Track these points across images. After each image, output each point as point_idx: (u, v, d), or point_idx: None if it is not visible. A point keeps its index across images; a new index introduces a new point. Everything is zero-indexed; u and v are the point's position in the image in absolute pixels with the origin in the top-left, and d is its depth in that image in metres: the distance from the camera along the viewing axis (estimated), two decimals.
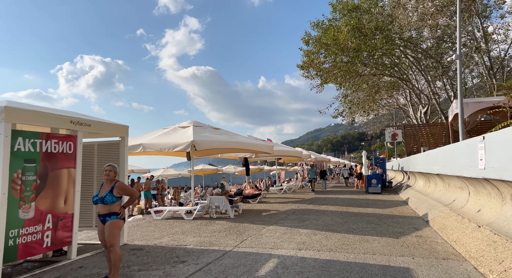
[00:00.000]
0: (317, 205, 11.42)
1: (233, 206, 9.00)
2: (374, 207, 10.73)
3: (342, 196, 15.11)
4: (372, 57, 13.92)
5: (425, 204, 9.75)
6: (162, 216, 8.65)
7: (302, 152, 15.17)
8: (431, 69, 16.73)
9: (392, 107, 29.16)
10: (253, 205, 11.72)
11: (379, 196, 14.68)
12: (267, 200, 13.74)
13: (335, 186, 22.15)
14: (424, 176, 12.73)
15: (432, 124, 16.65)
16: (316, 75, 16.73)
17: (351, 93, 17.90)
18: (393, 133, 17.69)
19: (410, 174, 16.11)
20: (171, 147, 7.88)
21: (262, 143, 10.13)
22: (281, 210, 10.16)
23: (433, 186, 11.11)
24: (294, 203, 12.16)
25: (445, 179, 9.09)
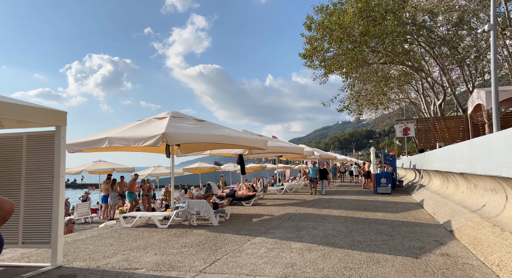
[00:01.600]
0: (319, 209, 10.01)
1: (218, 211, 7.66)
2: (384, 211, 9.28)
3: (348, 197, 13.66)
4: (382, 42, 12.41)
5: (445, 208, 8.26)
6: (133, 223, 7.35)
7: (303, 148, 13.76)
8: (447, 56, 15.11)
9: (403, 101, 27.42)
10: (246, 208, 10.36)
11: (389, 197, 13.20)
12: (263, 201, 12.38)
13: (340, 185, 20.66)
14: (441, 175, 11.21)
15: (449, 117, 15.06)
16: (320, 65, 15.27)
17: (358, 84, 16.35)
18: (404, 127, 16.12)
19: (424, 172, 14.56)
20: (139, 141, 6.56)
21: (253, 137, 8.75)
22: (275, 215, 8.78)
23: (453, 187, 9.60)
24: (293, 206, 10.77)
25: (470, 179, 7.61)
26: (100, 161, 14.00)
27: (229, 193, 11.16)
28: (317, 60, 15.36)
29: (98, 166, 13.46)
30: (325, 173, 14.94)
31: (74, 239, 6.15)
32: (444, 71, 14.51)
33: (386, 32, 11.66)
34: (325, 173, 14.94)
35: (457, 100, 15.51)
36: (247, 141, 8.31)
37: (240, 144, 8.19)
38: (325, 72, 15.21)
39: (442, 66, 14.86)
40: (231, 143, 7.84)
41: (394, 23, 11.38)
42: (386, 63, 14.28)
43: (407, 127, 16.14)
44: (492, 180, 6.03)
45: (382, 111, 26.95)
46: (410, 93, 27.06)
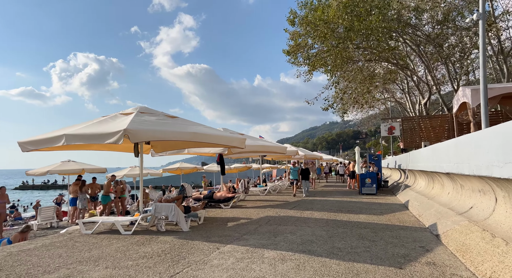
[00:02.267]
0: (300, 211, 9.51)
1: (190, 215, 7.05)
2: (368, 213, 8.85)
3: (332, 198, 13.24)
4: (367, 38, 12.03)
5: (431, 210, 7.89)
6: (94, 229, 6.66)
7: (286, 148, 13.26)
8: (432, 54, 14.87)
9: (388, 101, 27.31)
10: (224, 211, 9.77)
11: (374, 198, 12.84)
12: (244, 203, 11.81)
13: (325, 185, 20.29)
14: (426, 175, 10.89)
15: (434, 116, 14.84)
16: (304, 62, 14.82)
17: (343, 81, 15.95)
18: (389, 126, 15.83)
19: (409, 172, 14.28)
20: (99, 139, 5.89)
21: (230, 135, 8.17)
22: (253, 218, 8.23)
23: (439, 187, 9.26)
24: (274, 208, 10.24)
25: (457, 179, 7.24)
26: (69, 161, 13.10)
27: (207, 195, 10.54)
28: (301, 57, 14.92)
29: (67, 166, 12.54)
30: (307, 173, 13.91)
31: (20, 249, 5.44)
32: (429, 69, 14.27)
33: (371, 27, 11.28)
34: (307, 173, 13.91)
35: (442, 99, 15.32)
36: (223, 139, 7.73)
37: (214, 142, 7.59)
38: (309, 69, 14.77)
39: (427, 64, 14.63)
40: (205, 141, 7.24)
41: (379, 18, 11.01)
42: (371, 60, 13.94)
43: (392, 126, 15.86)
44: (480, 181, 5.63)
45: (368, 110, 26.79)
46: (396, 93, 27.00)
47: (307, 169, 14.03)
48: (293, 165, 14.23)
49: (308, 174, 13.88)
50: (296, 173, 13.86)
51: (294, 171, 14.05)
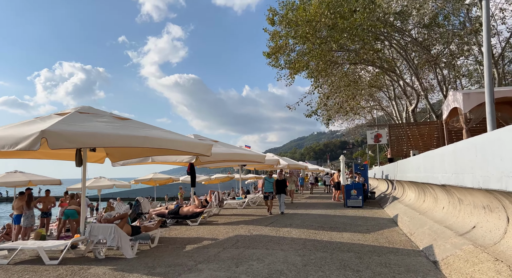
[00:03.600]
0: (277, 228, 8.33)
1: (138, 237, 5.77)
2: (352, 231, 7.74)
3: (314, 211, 12.11)
4: (352, 38, 11.18)
5: (424, 228, 6.84)
6: (11, 258, 5.30)
7: (265, 156, 12.13)
8: (420, 58, 14.20)
9: (374, 109, 26.69)
10: (189, 229, 8.49)
11: (360, 211, 11.78)
12: (216, 219, 10.56)
13: (310, 197, 19.17)
14: (416, 186, 9.92)
15: (422, 123, 14.04)
16: (285, 65, 13.88)
17: (328, 86, 15.05)
18: (376, 134, 14.94)
19: (397, 183, 13.33)
20: (10, 145, 4.62)
21: (192, 140, 6.99)
22: (219, 239, 6.99)
23: (431, 201, 8.26)
24: (248, 224, 9.03)
25: (454, 193, 6.25)
26: (16, 171, 11.57)
27: (172, 210, 9.25)
28: (282, 59, 14.00)
29: (12, 177, 10.97)
30: (282, 185, 11.58)
31: None
32: (417, 75, 13.57)
33: (355, 26, 10.45)
34: (282, 185, 11.58)
35: (431, 105, 14.60)
36: (183, 145, 6.54)
37: (171, 148, 6.40)
38: (291, 72, 13.83)
39: (415, 71, 13.92)
40: (159, 147, 6.04)
41: (364, 16, 10.18)
42: (356, 63, 13.12)
43: (379, 134, 14.98)
44: (487, 195, 4.61)
45: (353, 117, 26.05)
46: (382, 101, 26.43)
47: (283, 180, 11.78)
48: (270, 175, 11.76)
49: (283, 187, 11.68)
50: (271, 185, 11.47)
51: (269, 183, 11.52)
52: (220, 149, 10.17)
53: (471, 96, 10.25)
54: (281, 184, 11.61)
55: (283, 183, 11.67)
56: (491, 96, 4.58)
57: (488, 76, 4.53)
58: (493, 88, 4.53)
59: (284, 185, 11.66)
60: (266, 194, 11.51)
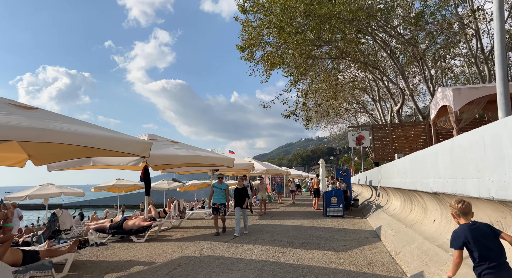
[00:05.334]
0: (238, 245, 6.90)
1: (30, 267, 4.25)
2: (327, 248, 6.38)
3: (290, 221, 10.73)
4: (331, 29, 9.98)
5: (412, 245, 5.53)
6: None
7: (233, 160, 10.71)
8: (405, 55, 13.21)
9: (358, 112, 25.70)
10: (129, 248, 6.97)
11: (340, 222, 10.47)
12: (173, 233, 9.06)
13: (290, 205, 17.78)
14: (402, 193, 8.68)
15: (408, 124, 12.93)
16: (260, 59, 12.59)
17: (308, 86, 13.82)
18: (358, 135, 13.72)
19: (381, 190, 12.11)
20: None
21: (124, 138, 5.52)
22: (157, 263, 5.51)
23: (420, 211, 7.00)
24: (205, 240, 7.58)
25: (448, 202, 5.00)
26: None
27: (114, 224, 7.70)
28: (257, 54, 12.74)
29: None
30: (242, 196, 8.56)
31: None
32: (402, 72, 12.53)
33: (334, 13, 9.28)
34: (242, 196, 8.56)
35: (417, 105, 13.54)
36: (106, 143, 5.07)
37: (92, 145, 4.92)
38: (266, 68, 12.56)
39: (400, 67, 12.87)
40: (57, 141, 4.56)
41: (343, 1, 9.04)
42: (336, 57, 11.96)
43: (361, 135, 13.76)
44: (499, 208, 3.34)
45: (336, 120, 24.96)
46: (367, 105, 25.50)
47: (243, 189, 8.68)
48: (220, 180, 8.73)
49: (243, 197, 8.55)
50: (222, 194, 8.49)
51: (219, 191, 8.49)
52: (177, 151, 8.71)
53: (462, 93, 9.13)
54: (240, 194, 8.59)
55: (243, 193, 8.58)
56: (504, 72, 3.34)
57: (500, 41, 3.28)
58: (506, 62, 3.32)
59: (244, 195, 8.56)
60: (215, 206, 8.35)
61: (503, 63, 3.40)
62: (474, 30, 11.85)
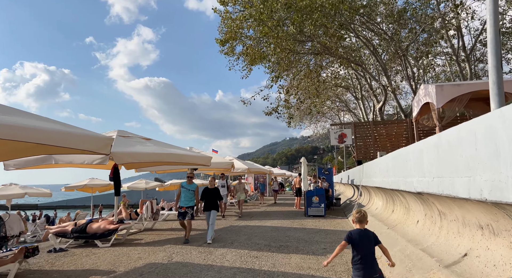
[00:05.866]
0: (211, 249, 6.42)
1: None
2: (305, 252, 5.99)
3: (270, 222, 10.32)
4: (313, 23, 9.60)
5: (394, 249, 5.20)
6: None
7: (210, 158, 10.18)
8: (387, 52, 13.04)
9: (341, 110, 25.61)
10: (91, 254, 6.37)
11: (321, 222, 10.15)
12: (144, 236, 8.49)
13: (272, 204, 17.41)
14: (384, 193, 8.42)
15: (390, 122, 12.76)
16: (241, 54, 12.11)
17: (290, 82, 13.43)
18: (340, 133, 13.48)
19: (363, 189, 11.89)
20: None
21: (81, 133, 4.94)
22: (118, 272, 4.96)
23: (402, 212, 6.71)
24: (177, 244, 7.06)
25: (432, 203, 4.68)
26: None
27: (78, 228, 7.05)
28: (237, 47, 12.24)
29: None
30: (212, 197, 7.60)
31: None
32: (384, 69, 12.34)
33: (316, 5, 8.92)
34: (212, 197, 7.60)
35: (399, 103, 13.41)
36: (60, 139, 4.50)
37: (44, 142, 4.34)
38: (247, 62, 12.09)
39: (383, 64, 12.68)
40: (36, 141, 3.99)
41: None
42: (318, 53, 11.63)
43: (343, 133, 13.52)
44: (491, 210, 3.00)
45: (319, 119, 24.79)
46: (350, 103, 25.45)
47: (215, 190, 7.72)
48: (189, 179, 7.74)
49: (214, 199, 7.59)
50: (191, 196, 7.46)
51: (187, 193, 7.46)
52: (149, 149, 8.12)
53: (445, 89, 8.97)
54: (212, 195, 7.61)
55: (214, 194, 7.64)
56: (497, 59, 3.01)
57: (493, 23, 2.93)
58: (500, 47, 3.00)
59: (215, 197, 7.63)
60: (182, 210, 7.35)
61: (496, 48, 3.07)
62: (456, 27, 11.79)
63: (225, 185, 12.28)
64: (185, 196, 7.52)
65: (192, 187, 7.64)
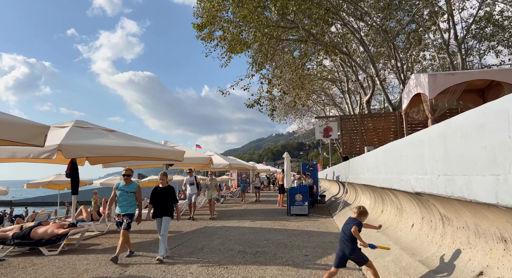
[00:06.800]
0: (175, 258, 5.53)
1: None
2: (283, 261, 5.17)
3: (249, 222, 9.48)
4: (298, 7, 8.74)
5: (387, 259, 4.45)
6: None
7: (183, 153, 9.20)
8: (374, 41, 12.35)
9: (327, 105, 24.99)
10: (36, 263, 5.38)
11: (304, 222, 9.39)
12: (104, 240, 7.50)
13: (253, 202, 16.59)
14: (372, 191, 7.70)
15: (378, 115, 12.08)
16: (220, 39, 11.15)
17: (273, 71, 12.55)
18: (326, 127, 12.74)
19: (349, 186, 11.20)
20: None
21: (10, 121, 3.91)
22: None
23: (393, 213, 5.98)
24: (136, 251, 6.12)
25: (434, 205, 3.93)
26: None
27: (21, 233, 6.02)
28: (216, 33, 11.26)
29: None
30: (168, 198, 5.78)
31: None
32: (371, 59, 11.63)
33: None
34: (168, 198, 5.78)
35: (386, 94, 12.73)
36: None
37: None
38: (226, 49, 11.14)
39: (370, 54, 11.98)
40: None
41: None
42: (302, 39, 10.79)
43: (329, 127, 12.77)
44: None
45: (304, 113, 24.07)
46: (336, 98, 24.83)
47: (167, 189, 5.85)
48: (127, 178, 5.83)
49: (167, 203, 5.74)
50: (130, 200, 5.73)
51: (126, 196, 5.71)
52: (109, 141, 7.11)
53: (438, 79, 8.29)
54: (164, 197, 5.73)
55: (169, 195, 5.77)
56: None
57: None
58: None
59: (170, 198, 5.77)
60: (119, 219, 5.67)
61: None
62: (448, 14, 11.18)
63: (194, 183, 10.97)
64: (122, 200, 5.67)
65: (131, 188, 5.76)
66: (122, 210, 5.67)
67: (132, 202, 5.76)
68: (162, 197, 5.78)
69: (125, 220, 5.57)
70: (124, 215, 5.62)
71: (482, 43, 14.44)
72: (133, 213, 5.72)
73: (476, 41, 14.08)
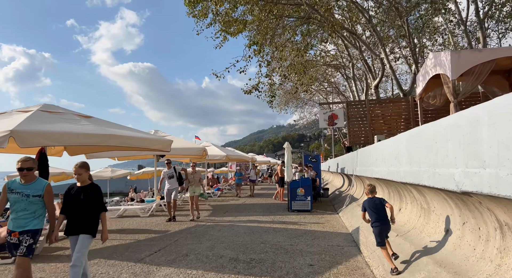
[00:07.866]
0: (154, 267, 4.56)
1: None
2: (283, 274, 4.19)
3: (245, 220, 8.52)
4: None
5: (417, 275, 3.46)
6: None
7: (170, 142, 8.17)
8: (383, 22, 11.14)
9: (330, 93, 23.82)
10: None
11: (307, 219, 8.42)
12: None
13: (250, 196, 15.62)
14: (386, 185, 6.67)
15: (390, 100, 10.97)
16: (214, 13, 10.02)
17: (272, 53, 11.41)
18: (330, 114, 11.60)
19: (357, 179, 10.18)
20: None
21: None
22: None
23: (415, 212, 4.95)
24: (109, 258, 5.16)
25: (490, 209, 2.92)
26: None
27: None
28: (211, 12, 10.13)
29: None
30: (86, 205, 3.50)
31: None
32: (380, 38, 10.49)
33: None
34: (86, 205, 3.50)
35: (396, 78, 11.55)
36: None
37: None
38: (221, 29, 9.99)
39: (380, 36, 10.82)
40: None
41: None
42: (304, 17, 9.63)
43: (334, 114, 11.62)
44: None
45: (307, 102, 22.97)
46: (339, 86, 23.66)
47: (87, 191, 3.52)
48: (24, 177, 3.48)
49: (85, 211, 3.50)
50: (31, 211, 3.47)
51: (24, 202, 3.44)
52: (80, 128, 6.07)
53: (463, 56, 7.18)
54: (81, 202, 3.52)
55: (88, 200, 3.53)
56: None
57: None
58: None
59: (92, 203, 3.54)
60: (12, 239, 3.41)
61: None
62: None
63: (173, 175, 9.10)
64: (20, 208, 3.46)
65: (34, 189, 3.51)
66: (18, 225, 3.42)
67: (38, 211, 3.52)
68: (79, 202, 3.51)
69: (24, 242, 3.37)
70: (22, 233, 3.39)
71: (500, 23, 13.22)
72: (39, 228, 3.51)
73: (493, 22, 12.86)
